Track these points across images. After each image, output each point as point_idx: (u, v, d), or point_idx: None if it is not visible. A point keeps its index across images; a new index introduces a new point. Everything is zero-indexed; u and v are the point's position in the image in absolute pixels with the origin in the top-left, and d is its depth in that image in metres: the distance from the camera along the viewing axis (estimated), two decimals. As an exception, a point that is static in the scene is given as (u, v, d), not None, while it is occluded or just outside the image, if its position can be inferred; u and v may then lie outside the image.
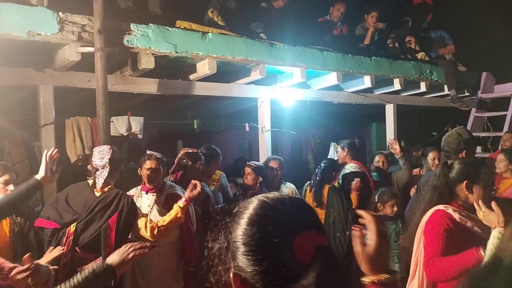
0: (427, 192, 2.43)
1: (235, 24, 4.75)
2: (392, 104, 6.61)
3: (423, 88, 6.33)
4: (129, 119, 4.58)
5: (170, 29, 3.97)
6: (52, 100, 3.85)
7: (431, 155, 4.90)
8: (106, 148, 3.08)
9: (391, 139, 5.60)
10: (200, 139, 6.88)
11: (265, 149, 5.32)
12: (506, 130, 6.11)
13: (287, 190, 4.57)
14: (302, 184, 4.87)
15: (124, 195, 2.99)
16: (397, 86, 5.98)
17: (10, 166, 3.33)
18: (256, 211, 0.97)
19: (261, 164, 4.66)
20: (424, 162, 5.07)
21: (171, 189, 3.58)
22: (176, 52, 3.98)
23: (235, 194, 4.73)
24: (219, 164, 4.51)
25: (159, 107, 6.59)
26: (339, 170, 4.82)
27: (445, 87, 6.53)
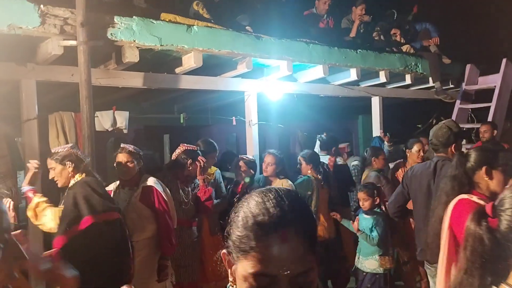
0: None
1: (220, 16, 4.71)
2: (378, 96, 6.64)
3: (408, 80, 6.37)
4: (114, 113, 4.53)
5: (154, 22, 3.91)
6: (34, 95, 3.78)
7: (416, 147, 4.92)
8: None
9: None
10: (187, 133, 6.83)
11: (252, 143, 5.30)
12: (490, 121, 6.18)
13: (280, 185, 4.47)
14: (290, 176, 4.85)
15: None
16: (382, 78, 6.00)
17: None
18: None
19: (252, 158, 4.65)
20: (408, 154, 5.09)
21: (148, 182, 3.54)
22: (161, 45, 3.92)
23: (227, 188, 4.71)
24: (214, 158, 4.49)
25: (145, 101, 6.52)
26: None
27: (430, 79, 6.58)
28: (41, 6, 3.33)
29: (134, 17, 3.79)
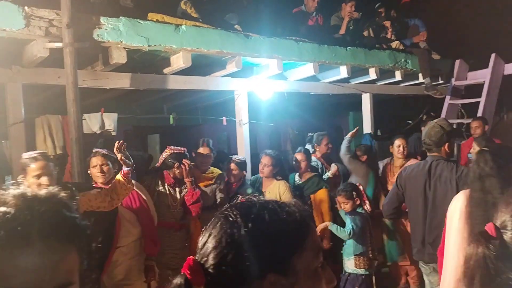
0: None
1: (209, 15, 4.66)
2: (368, 93, 6.64)
3: (398, 77, 6.38)
4: (102, 116, 4.47)
5: (142, 22, 3.86)
6: (21, 98, 3.70)
7: (397, 142, 4.78)
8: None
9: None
10: (177, 132, 6.78)
11: (243, 142, 5.27)
12: (479, 116, 6.20)
13: (279, 187, 4.30)
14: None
15: None
16: (372, 75, 5.99)
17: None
18: None
19: (243, 158, 4.62)
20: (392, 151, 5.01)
21: None
22: (148, 45, 3.88)
23: None
24: (211, 159, 4.43)
25: (134, 102, 6.46)
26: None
27: (420, 75, 6.59)
28: (25, 7, 3.27)
29: (121, 17, 3.74)
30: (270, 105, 6.08)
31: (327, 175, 4.93)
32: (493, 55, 6.76)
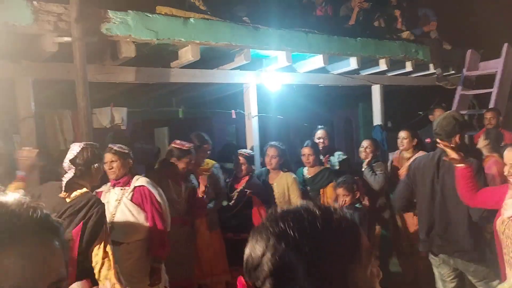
0: None
1: (217, 8, 4.62)
2: (378, 84, 6.57)
3: (408, 67, 6.28)
4: (111, 110, 4.47)
5: (150, 15, 3.84)
6: (30, 92, 3.71)
7: (401, 134, 4.72)
8: (76, 147, 2.77)
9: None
10: (186, 125, 6.78)
11: (252, 135, 5.24)
12: (492, 107, 6.12)
13: (287, 180, 4.37)
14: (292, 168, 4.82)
15: (96, 203, 2.63)
16: (383, 66, 5.91)
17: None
18: None
19: (251, 152, 4.60)
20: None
21: (140, 182, 3.43)
22: (157, 39, 3.85)
23: (225, 181, 4.66)
24: (207, 152, 4.43)
25: (143, 95, 6.45)
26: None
27: (431, 66, 6.50)
28: (34, 2, 3.26)
29: (129, 11, 3.72)
30: (279, 98, 6.04)
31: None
32: (506, 45, 6.65)
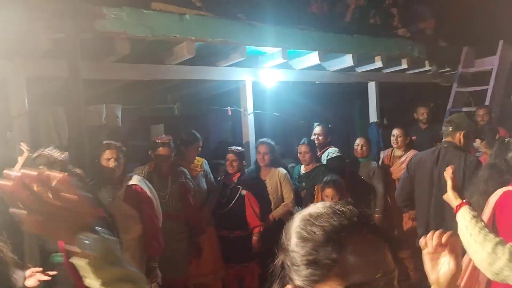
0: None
1: (213, 4, 4.59)
2: (374, 81, 6.56)
3: (404, 64, 6.30)
4: (106, 107, 4.44)
5: (145, 11, 3.80)
6: (24, 90, 3.66)
7: (394, 131, 4.80)
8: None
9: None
10: (182, 122, 6.75)
11: (248, 132, 5.23)
12: (487, 104, 6.13)
13: (278, 175, 4.42)
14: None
15: None
16: (378, 63, 5.92)
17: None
18: None
19: (241, 148, 4.58)
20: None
21: (132, 181, 3.41)
22: (152, 35, 3.82)
23: (217, 179, 4.66)
24: (198, 149, 4.40)
25: (138, 92, 6.42)
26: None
27: (426, 63, 6.51)
28: (27, -2, 3.22)
29: (124, 7, 3.68)
30: (275, 95, 6.03)
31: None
32: (501, 42, 6.66)
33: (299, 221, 0.89)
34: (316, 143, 4.83)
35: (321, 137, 4.98)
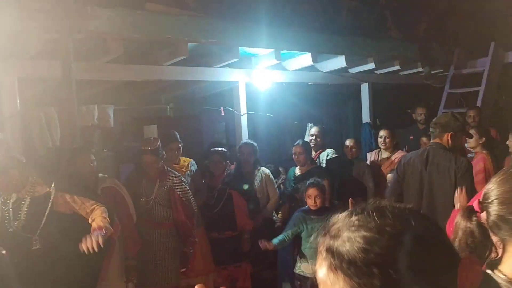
0: None
1: (206, 5, 4.59)
2: (366, 83, 6.60)
3: (396, 66, 6.33)
4: (98, 108, 4.42)
5: (139, 12, 3.79)
6: (16, 90, 3.64)
7: (381, 133, 4.87)
8: None
9: None
10: (175, 123, 6.73)
11: (241, 133, 5.24)
12: (479, 105, 6.18)
13: (262, 175, 4.53)
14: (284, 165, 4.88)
15: None
16: (371, 64, 5.95)
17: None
18: None
19: (224, 149, 4.58)
20: None
21: (106, 182, 3.42)
22: (146, 36, 3.82)
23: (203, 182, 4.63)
24: (176, 150, 4.34)
25: (131, 93, 6.40)
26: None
27: (419, 64, 6.55)
28: (20, -2, 3.20)
29: (117, 7, 3.66)
30: (268, 96, 6.05)
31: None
32: (493, 44, 6.71)
33: None
34: (313, 144, 4.86)
35: (318, 138, 4.99)
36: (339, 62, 5.63)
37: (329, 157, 4.90)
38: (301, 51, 5.17)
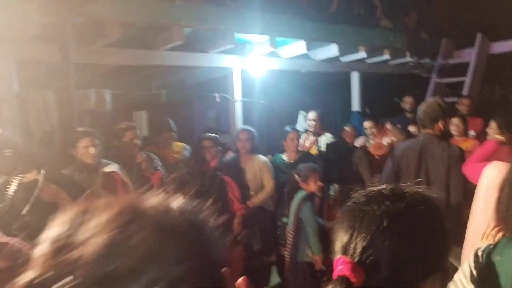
0: None
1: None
2: (357, 72, 6.68)
3: (386, 55, 6.42)
4: (95, 92, 4.41)
5: (136, -3, 3.79)
6: (13, 74, 3.61)
7: (367, 124, 5.08)
8: None
9: None
10: (166, 109, 6.72)
11: (235, 119, 5.28)
12: (465, 94, 6.32)
13: (258, 162, 4.51)
14: (274, 152, 4.91)
15: None
16: (362, 54, 6.02)
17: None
18: None
19: (216, 135, 4.59)
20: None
21: (109, 167, 3.37)
22: (142, 21, 3.82)
23: None
24: (172, 137, 4.38)
25: (122, 78, 6.36)
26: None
27: (407, 53, 6.65)
28: (18, -20, 3.17)
29: (115, -9, 3.65)
30: (262, 83, 6.08)
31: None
32: (479, 34, 6.85)
33: None
34: (312, 129, 4.96)
35: (317, 123, 5.10)
36: (331, 50, 5.69)
37: (328, 142, 5.01)
38: (295, 38, 5.22)
